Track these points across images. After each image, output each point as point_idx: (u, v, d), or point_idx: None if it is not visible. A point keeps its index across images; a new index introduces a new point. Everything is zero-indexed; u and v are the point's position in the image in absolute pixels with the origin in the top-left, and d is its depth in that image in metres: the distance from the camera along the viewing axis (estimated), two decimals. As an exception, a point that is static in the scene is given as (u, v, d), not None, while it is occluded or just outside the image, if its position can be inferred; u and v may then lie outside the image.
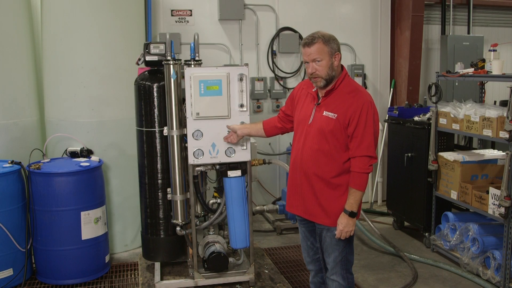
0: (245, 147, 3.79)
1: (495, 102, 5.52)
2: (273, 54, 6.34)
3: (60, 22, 4.69)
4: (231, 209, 3.82)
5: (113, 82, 4.78)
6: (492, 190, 4.21)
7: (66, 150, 4.62)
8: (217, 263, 3.91)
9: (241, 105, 3.76)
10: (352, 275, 3.11)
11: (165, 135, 3.91)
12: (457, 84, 6.80)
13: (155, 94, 4.02)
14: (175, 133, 3.86)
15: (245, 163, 3.83)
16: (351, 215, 2.89)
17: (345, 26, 6.62)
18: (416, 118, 5.30)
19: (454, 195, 4.74)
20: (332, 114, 2.91)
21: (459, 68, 4.92)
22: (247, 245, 3.92)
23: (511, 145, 3.99)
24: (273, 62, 6.34)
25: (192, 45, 3.96)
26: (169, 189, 4.03)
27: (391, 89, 6.86)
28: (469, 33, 7.48)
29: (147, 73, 4.16)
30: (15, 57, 4.73)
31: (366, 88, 6.70)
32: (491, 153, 4.87)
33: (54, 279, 4.24)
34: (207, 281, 4.00)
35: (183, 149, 3.89)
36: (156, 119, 4.04)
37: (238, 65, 5.69)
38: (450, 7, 7.31)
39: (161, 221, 4.16)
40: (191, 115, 3.71)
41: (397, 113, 5.64)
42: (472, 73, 4.66)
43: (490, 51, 4.60)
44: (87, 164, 4.28)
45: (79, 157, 4.53)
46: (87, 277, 4.30)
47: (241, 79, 3.74)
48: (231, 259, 4.04)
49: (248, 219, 3.88)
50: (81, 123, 4.72)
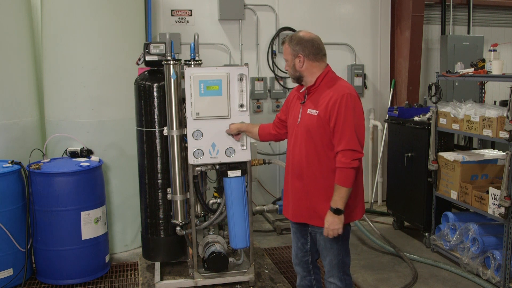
0: (245, 147, 3.79)
1: (495, 102, 5.53)
2: (273, 54, 6.34)
3: (60, 22, 4.69)
4: (231, 209, 3.82)
5: (113, 82, 4.78)
6: (492, 190, 4.21)
7: (66, 150, 4.62)
8: (217, 263, 3.91)
9: (241, 105, 3.76)
10: (349, 276, 3.09)
11: (165, 135, 3.91)
12: (457, 84, 6.80)
13: (155, 94, 4.02)
14: (175, 133, 3.86)
15: (245, 163, 3.83)
16: (336, 212, 2.80)
17: (345, 26, 6.62)
18: (416, 118, 5.30)
19: (454, 195, 4.74)
20: (314, 111, 2.90)
21: (459, 68, 4.92)
22: (247, 245, 3.92)
23: (511, 145, 3.99)
24: (273, 62, 6.34)
25: (192, 45, 3.96)
26: (169, 189, 4.03)
27: (391, 89, 6.86)
28: (469, 33, 7.48)
29: (147, 73, 4.16)
30: (15, 57, 4.73)
31: (366, 88, 6.71)
32: (491, 153, 4.87)
33: (54, 279, 4.25)
34: (207, 281, 4.00)
35: (183, 149, 3.89)
36: (156, 119, 4.04)
37: (238, 65, 5.70)
38: (450, 7, 7.31)
39: (161, 221, 4.16)
40: (191, 115, 3.71)
41: (397, 113, 5.64)
42: (472, 73, 4.66)
43: (490, 51, 4.60)
44: (87, 164, 4.28)
45: (79, 157, 4.53)
46: (87, 277, 4.30)
47: (241, 79, 3.74)
48: (231, 259, 4.04)
49: (248, 219, 3.88)
50: (81, 123, 4.72)
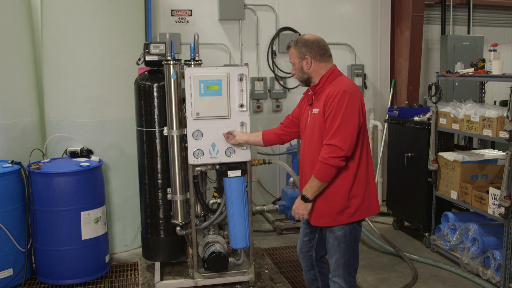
0: (245, 147, 3.79)
1: (495, 102, 5.53)
2: (273, 54, 6.34)
3: (60, 22, 4.69)
4: (231, 209, 3.82)
5: (113, 82, 4.78)
6: (492, 190, 4.21)
7: (66, 150, 4.62)
8: (217, 263, 3.91)
9: (241, 105, 3.76)
10: (354, 278, 3.09)
11: (165, 135, 3.91)
12: (457, 84, 6.80)
13: (155, 94, 4.02)
14: (175, 133, 3.86)
15: (245, 163, 3.83)
16: (303, 199, 2.90)
17: (345, 26, 6.63)
18: (416, 118, 5.30)
19: (454, 195, 4.74)
20: (316, 109, 2.95)
21: (459, 68, 4.92)
22: (247, 245, 3.92)
23: (511, 145, 3.99)
24: (273, 62, 6.34)
25: (192, 45, 3.96)
26: (169, 189, 4.03)
27: (391, 89, 6.86)
28: (469, 33, 7.48)
29: (147, 73, 4.16)
30: (15, 57, 4.73)
31: (366, 88, 6.71)
32: (491, 153, 4.87)
33: (54, 279, 4.24)
34: (207, 281, 4.00)
35: (183, 149, 3.89)
36: (156, 119, 4.04)
37: (238, 65, 5.70)
38: (450, 7, 7.31)
39: (161, 221, 4.16)
40: (191, 115, 3.71)
41: (397, 113, 5.65)
42: (472, 73, 4.66)
43: (490, 51, 4.60)
44: (87, 164, 4.28)
45: (79, 157, 4.53)
46: (87, 277, 4.30)
47: (241, 79, 3.74)
48: (231, 259, 4.04)
49: (248, 219, 3.88)
50: (81, 123, 4.73)
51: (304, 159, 3.07)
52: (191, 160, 3.76)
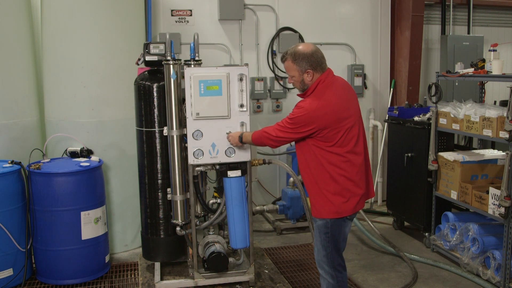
0: (245, 147, 3.79)
1: (495, 102, 5.53)
2: (273, 54, 6.34)
3: (60, 22, 4.69)
4: (231, 209, 3.82)
5: (113, 82, 4.78)
6: (492, 190, 4.21)
7: (66, 150, 4.62)
8: (217, 263, 3.91)
9: (241, 105, 3.76)
10: (341, 274, 3.19)
11: (165, 135, 3.91)
12: (457, 84, 6.80)
13: (155, 94, 4.02)
14: (175, 133, 3.86)
15: (245, 163, 3.83)
16: (240, 136, 3.53)
17: (345, 26, 6.62)
18: (416, 118, 5.30)
19: (454, 195, 4.74)
20: None
21: (459, 68, 4.92)
22: (247, 245, 3.92)
23: (511, 145, 3.99)
24: (273, 62, 6.34)
25: (192, 45, 3.96)
26: (169, 189, 4.03)
27: (391, 89, 6.86)
28: (469, 33, 7.48)
29: (147, 73, 4.16)
30: (15, 57, 4.73)
31: (366, 88, 6.71)
32: (491, 153, 4.87)
33: (54, 279, 4.24)
34: (207, 281, 4.00)
35: (183, 149, 3.89)
36: (156, 119, 4.04)
37: (238, 65, 5.70)
38: (450, 7, 7.31)
39: (161, 221, 4.16)
40: (191, 115, 3.71)
41: (397, 113, 5.65)
42: (472, 73, 4.66)
43: (490, 51, 4.60)
44: (87, 164, 4.28)
45: (79, 157, 4.53)
46: (87, 277, 4.30)
47: (241, 79, 3.74)
48: (231, 259, 4.04)
49: (248, 219, 3.88)
50: (81, 123, 4.72)
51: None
52: (191, 160, 3.76)
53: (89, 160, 4.46)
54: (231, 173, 3.79)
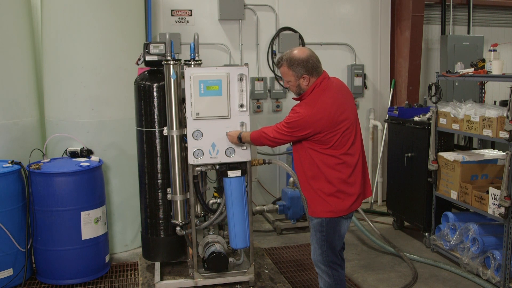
0: (245, 147, 3.79)
1: (495, 102, 5.52)
2: (273, 54, 6.34)
3: (60, 22, 4.69)
4: (231, 209, 3.82)
5: (113, 82, 4.78)
6: (492, 190, 4.21)
7: (66, 150, 4.62)
8: (217, 263, 3.91)
9: (241, 105, 3.76)
10: (338, 272, 3.21)
11: (165, 135, 3.91)
12: (457, 84, 6.80)
13: (155, 94, 4.02)
14: (175, 133, 3.86)
15: (245, 163, 3.83)
16: (240, 135, 3.56)
17: (345, 26, 6.62)
18: (416, 118, 5.30)
19: (454, 195, 4.74)
20: None
21: (459, 68, 4.92)
22: (247, 245, 3.92)
23: (511, 145, 3.99)
24: (273, 62, 6.34)
25: (192, 45, 3.96)
26: (169, 189, 4.03)
27: (391, 89, 6.86)
28: (469, 33, 7.48)
29: (147, 73, 4.16)
30: (15, 57, 4.73)
31: (366, 88, 6.71)
32: (491, 153, 4.87)
33: (54, 279, 4.25)
34: (207, 281, 4.00)
35: (183, 149, 3.89)
36: (156, 119, 4.04)
37: (238, 65, 5.70)
38: (450, 7, 7.31)
39: (161, 221, 4.16)
40: (191, 115, 3.71)
41: (397, 113, 5.65)
42: (472, 73, 4.66)
43: (490, 51, 4.60)
44: (87, 164, 4.28)
45: (79, 157, 4.53)
46: (87, 277, 4.30)
47: (241, 79, 3.74)
48: (231, 259, 4.04)
49: (248, 219, 3.88)
50: (81, 123, 4.73)
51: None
52: (191, 160, 3.76)
53: (89, 160, 4.46)
54: (231, 173, 3.79)
